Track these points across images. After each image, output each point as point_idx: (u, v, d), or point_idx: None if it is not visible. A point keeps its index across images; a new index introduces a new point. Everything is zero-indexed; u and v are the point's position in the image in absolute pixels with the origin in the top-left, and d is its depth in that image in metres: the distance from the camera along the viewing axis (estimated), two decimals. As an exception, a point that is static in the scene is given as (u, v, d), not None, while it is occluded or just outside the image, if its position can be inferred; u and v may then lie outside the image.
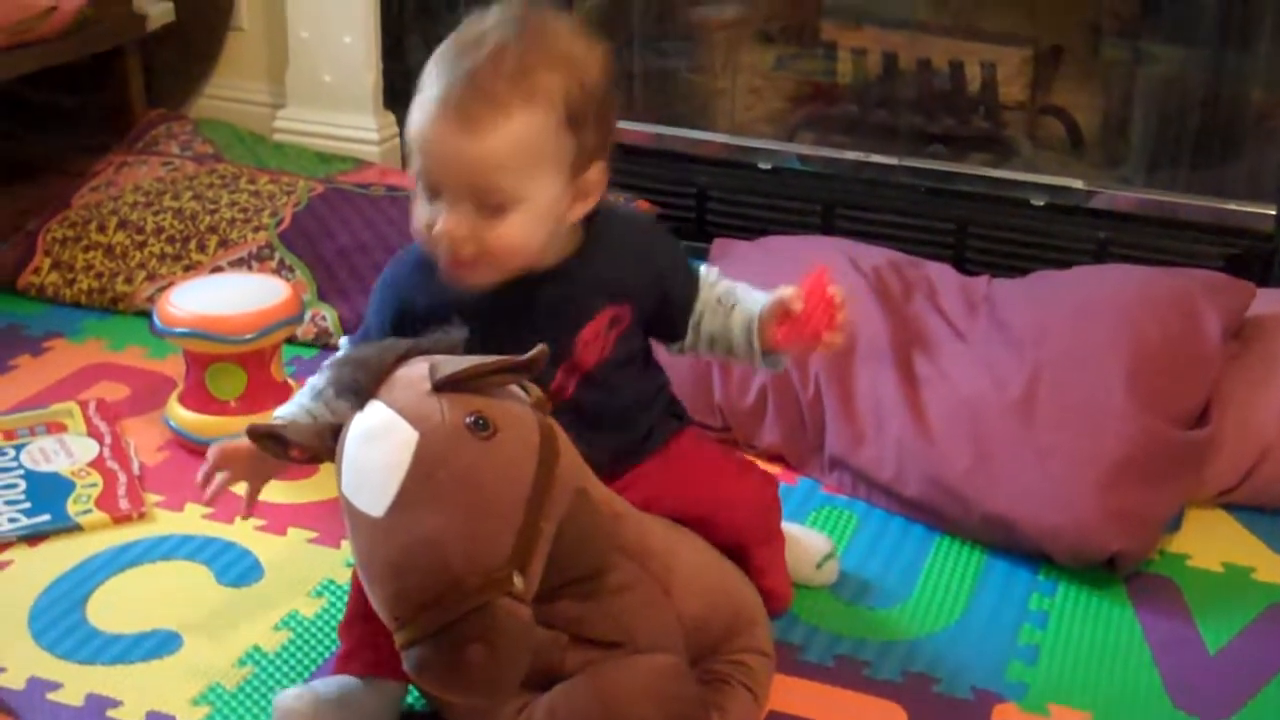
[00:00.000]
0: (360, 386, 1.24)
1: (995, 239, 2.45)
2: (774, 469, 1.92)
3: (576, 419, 1.33)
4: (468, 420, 1.20)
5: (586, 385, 1.43)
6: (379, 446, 1.20)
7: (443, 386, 1.21)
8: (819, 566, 1.68)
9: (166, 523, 1.78)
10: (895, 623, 1.65)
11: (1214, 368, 1.91)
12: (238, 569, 1.70)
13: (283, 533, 1.76)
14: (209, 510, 1.79)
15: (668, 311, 1.49)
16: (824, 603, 1.67)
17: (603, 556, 1.33)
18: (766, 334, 1.46)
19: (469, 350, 1.37)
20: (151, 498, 1.82)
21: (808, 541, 1.70)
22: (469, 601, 1.16)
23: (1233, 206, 2.35)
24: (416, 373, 1.23)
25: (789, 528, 1.64)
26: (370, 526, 1.20)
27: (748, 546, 1.51)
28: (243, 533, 1.76)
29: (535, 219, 1.33)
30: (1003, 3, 2.73)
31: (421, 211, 1.35)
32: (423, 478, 1.18)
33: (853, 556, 1.76)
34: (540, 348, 1.23)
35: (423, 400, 1.21)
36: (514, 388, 1.27)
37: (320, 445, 1.28)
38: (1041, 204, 2.44)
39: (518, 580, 1.19)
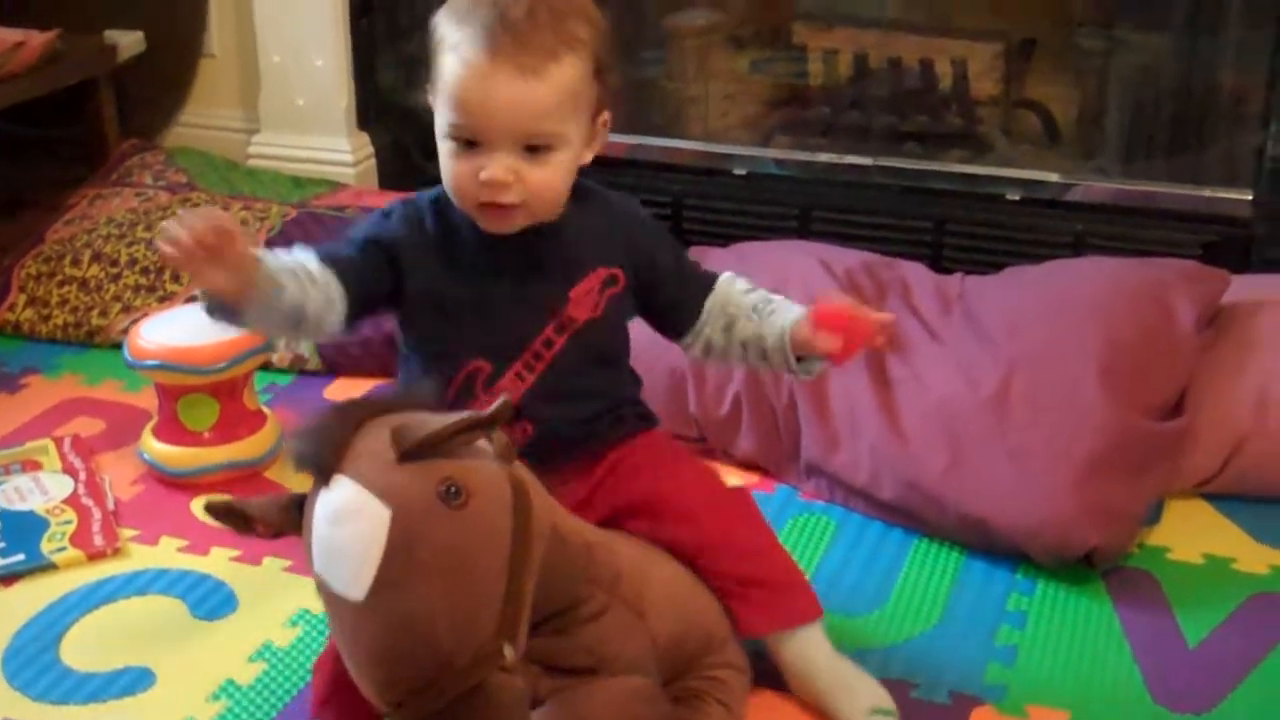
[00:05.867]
0: (322, 461, 1.19)
1: (973, 235, 2.44)
2: (752, 478, 1.91)
3: (558, 372, 1.30)
4: (439, 490, 1.16)
5: (574, 342, 1.45)
6: (350, 527, 1.15)
7: (409, 455, 1.17)
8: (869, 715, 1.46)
9: (141, 557, 1.77)
10: (873, 629, 1.63)
11: (1188, 358, 1.90)
12: (212, 601, 1.70)
13: (258, 562, 1.76)
14: (184, 543, 1.79)
15: (663, 287, 1.51)
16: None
17: (577, 589, 1.32)
18: (799, 335, 1.47)
19: (476, 304, 1.41)
20: (126, 532, 1.82)
21: (860, 687, 1.48)
22: (462, 682, 1.14)
23: (1208, 193, 2.34)
24: (378, 442, 1.19)
25: (842, 672, 1.49)
26: (351, 611, 1.16)
27: (710, 539, 1.46)
28: (217, 564, 1.75)
29: (571, 160, 1.41)
30: (973, -1, 2.73)
31: (462, 164, 1.38)
32: (402, 558, 1.14)
33: (831, 563, 1.75)
34: (503, 400, 1.20)
35: (390, 472, 1.17)
36: (481, 442, 1.23)
37: (284, 520, 1.24)
38: (1017, 198, 2.43)
39: (508, 651, 1.17)
